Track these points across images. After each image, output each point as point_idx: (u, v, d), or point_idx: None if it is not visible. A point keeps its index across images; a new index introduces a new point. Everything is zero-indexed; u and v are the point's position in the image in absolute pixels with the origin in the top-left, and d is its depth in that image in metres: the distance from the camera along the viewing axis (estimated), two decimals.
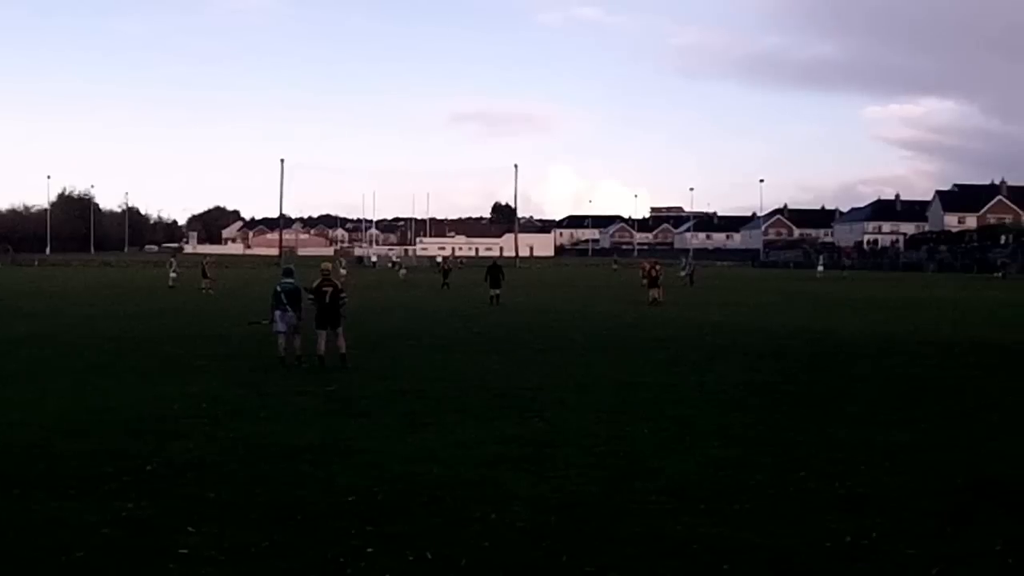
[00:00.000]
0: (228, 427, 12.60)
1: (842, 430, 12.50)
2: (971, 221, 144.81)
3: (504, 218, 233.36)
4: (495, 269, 41.32)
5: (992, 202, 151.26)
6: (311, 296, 19.46)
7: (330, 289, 19.31)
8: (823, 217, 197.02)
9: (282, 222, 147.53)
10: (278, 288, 19.52)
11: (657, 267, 42.34)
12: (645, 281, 41.47)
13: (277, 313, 19.21)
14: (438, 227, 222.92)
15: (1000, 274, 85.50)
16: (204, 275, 50.25)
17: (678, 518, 8.30)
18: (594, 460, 10.67)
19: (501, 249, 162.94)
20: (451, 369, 18.78)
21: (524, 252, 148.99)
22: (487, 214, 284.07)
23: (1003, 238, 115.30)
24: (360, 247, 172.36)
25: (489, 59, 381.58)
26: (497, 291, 40.16)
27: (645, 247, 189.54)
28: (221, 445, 11.43)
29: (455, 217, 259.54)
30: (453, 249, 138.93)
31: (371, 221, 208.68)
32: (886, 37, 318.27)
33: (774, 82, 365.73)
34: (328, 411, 13.98)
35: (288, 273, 20.32)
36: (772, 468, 10.28)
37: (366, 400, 14.86)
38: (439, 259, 79.44)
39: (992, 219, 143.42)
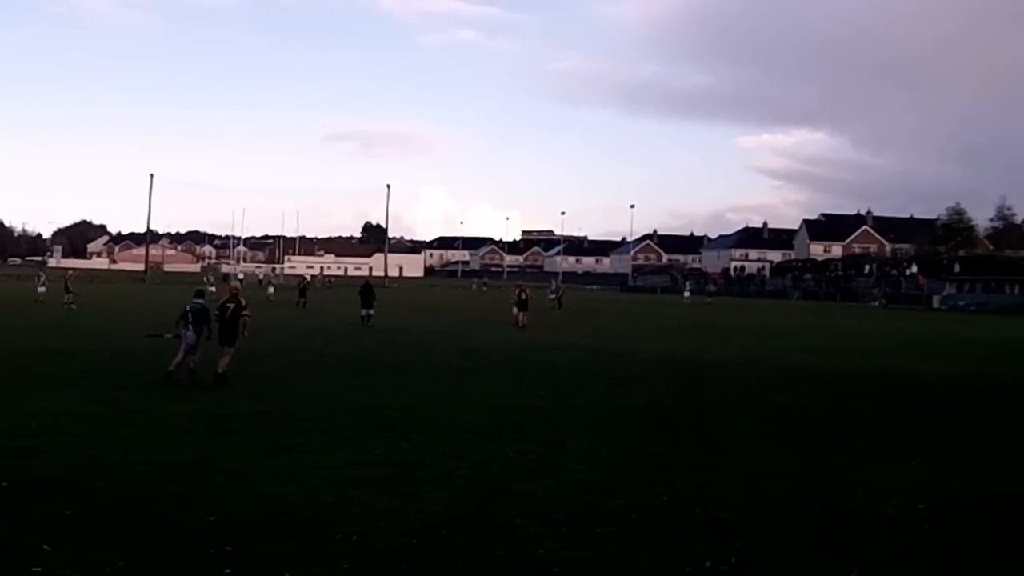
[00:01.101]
0: (89, 444, 12.26)
1: (706, 455, 12.68)
2: (837, 250, 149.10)
3: (375, 238, 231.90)
4: (367, 289, 40.83)
5: (858, 232, 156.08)
6: (217, 313, 19.73)
7: (232, 306, 19.60)
8: (692, 243, 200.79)
9: (149, 237, 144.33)
10: (187, 307, 19.74)
11: (527, 291, 42.51)
12: (515, 305, 41.44)
13: (181, 329, 19.48)
14: (307, 245, 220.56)
15: (877, 303, 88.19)
16: (67, 290, 48.88)
17: (541, 542, 8.31)
18: (459, 482, 10.64)
19: (371, 269, 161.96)
20: (319, 389, 18.56)
21: (394, 272, 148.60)
22: (358, 233, 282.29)
23: (867, 267, 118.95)
24: (228, 264, 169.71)
25: (365, 79, 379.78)
26: (369, 311, 39.75)
27: (515, 269, 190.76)
28: (81, 462, 11.11)
29: (325, 236, 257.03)
30: (322, 268, 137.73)
31: (240, 238, 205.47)
32: (762, 69, 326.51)
33: (650, 110, 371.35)
34: (193, 429, 13.67)
35: (199, 294, 20.73)
36: (636, 492, 10.36)
37: (232, 419, 14.60)
38: (308, 277, 78.47)
39: (857, 248, 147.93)
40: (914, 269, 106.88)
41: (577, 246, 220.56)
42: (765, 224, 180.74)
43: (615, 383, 20.75)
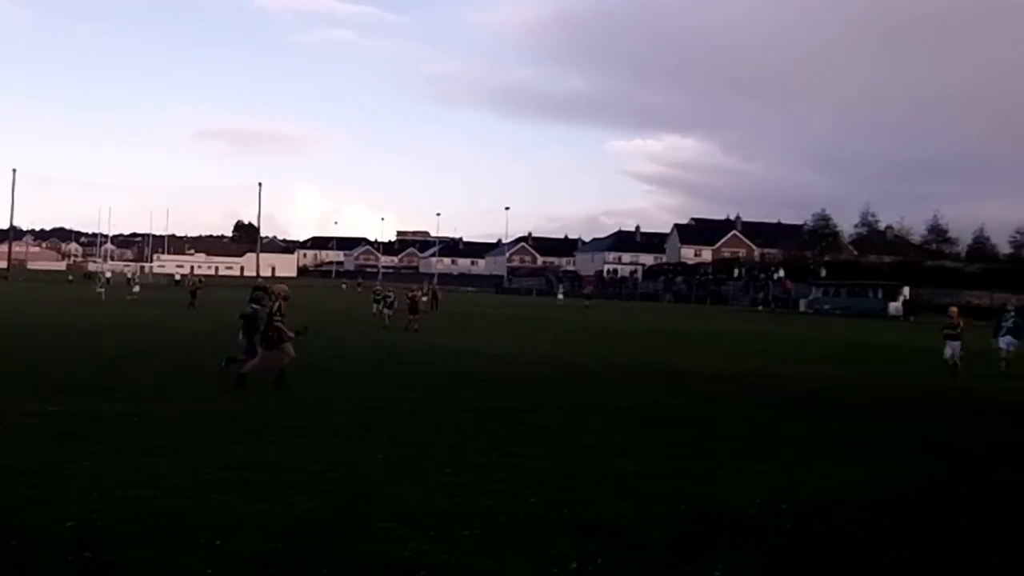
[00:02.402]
0: None
1: (574, 457, 12.74)
2: (707, 254, 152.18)
3: (247, 237, 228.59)
4: (260, 291, 39.61)
5: (727, 236, 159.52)
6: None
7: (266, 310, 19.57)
8: (566, 246, 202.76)
9: (12, 234, 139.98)
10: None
11: (417, 291, 42.42)
12: (408, 305, 40.93)
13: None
14: (177, 244, 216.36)
15: (761, 307, 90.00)
16: None
17: (407, 544, 8.24)
18: (326, 486, 10.50)
19: (242, 268, 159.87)
20: (185, 391, 18.19)
21: (266, 272, 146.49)
22: (229, 232, 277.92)
23: (736, 271, 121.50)
24: (95, 262, 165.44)
25: (238, 76, 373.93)
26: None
27: (390, 270, 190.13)
28: None
29: (196, 235, 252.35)
30: (192, 267, 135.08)
31: (107, 236, 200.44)
32: (634, 75, 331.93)
33: (526, 113, 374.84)
34: (52, 433, 13.19)
35: (255, 299, 20.53)
36: (504, 494, 10.36)
37: (94, 422, 14.15)
38: (178, 277, 76.86)
39: (727, 252, 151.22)
40: (781, 273, 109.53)
41: (452, 247, 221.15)
42: (638, 228, 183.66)
43: (487, 385, 20.76)
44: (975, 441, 15.44)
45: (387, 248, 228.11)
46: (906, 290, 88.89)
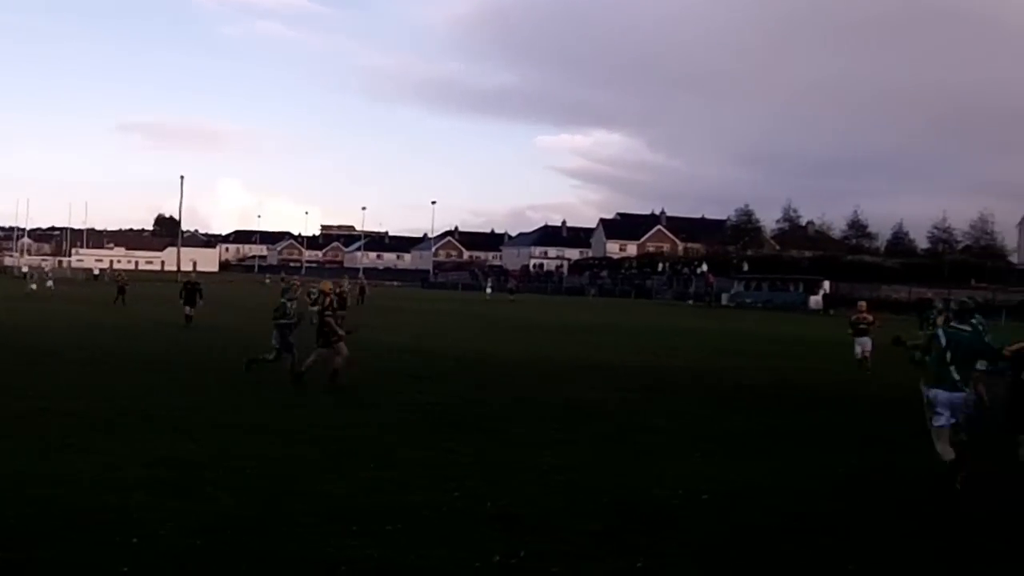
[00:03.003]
0: None
1: (500, 451, 12.75)
2: (632, 249, 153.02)
3: (168, 231, 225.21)
4: (192, 287, 38.92)
5: (652, 231, 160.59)
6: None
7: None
8: (493, 240, 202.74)
9: None
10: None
11: (346, 287, 42.16)
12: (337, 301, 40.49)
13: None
14: (96, 238, 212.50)
15: (692, 301, 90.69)
16: None
17: (329, 540, 8.18)
18: (247, 481, 10.39)
19: (163, 263, 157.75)
20: (104, 388, 17.85)
21: (187, 267, 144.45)
22: (150, 226, 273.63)
23: (661, 266, 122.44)
24: (11, 256, 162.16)
25: (160, 68, 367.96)
26: (192, 309, 37.88)
27: (315, 265, 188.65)
28: None
29: (116, 228, 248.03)
30: (111, 262, 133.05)
31: (24, 229, 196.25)
32: (563, 69, 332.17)
33: (452, 107, 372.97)
34: None
35: (284, 293, 21.73)
36: (428, 489, 10.32)
37: (5, 420, 13.84)
38: (96, 271, 75.44)
39: (651, 247, 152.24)
40: (704, 268, 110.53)
41: (378, 242, 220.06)
42: (564, 222, 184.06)
43: (413, 380, 20.69)
44: (895, 432, 15.71)
45: (311, 242, 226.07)
46: (826, 284, 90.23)
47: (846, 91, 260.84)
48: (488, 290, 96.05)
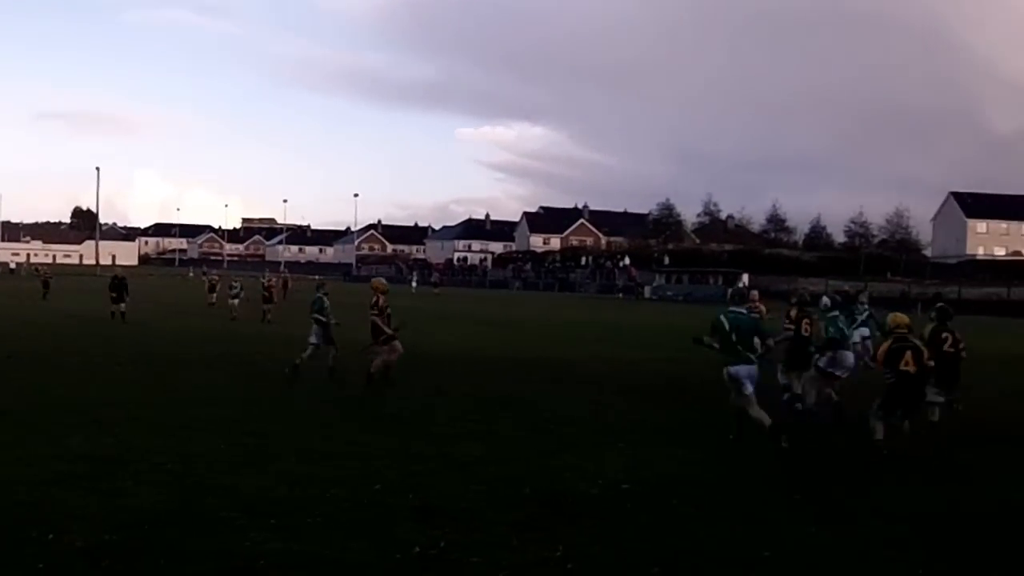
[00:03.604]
0: None
1: (421, 444, 12.73)
2: (555, 242, 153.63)
3: (85, 224, 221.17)
4: (119, 281, 38.12)
5: (575, 225, 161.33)
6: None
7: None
8: (416, 234, 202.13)
9: None
10: None
11: (273, 281, 41.75)
12: (264, 295, 40.01)
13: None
14: (12, 231, 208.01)
15: (622, 295, 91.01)
16: None
17: (247, 534, 8.15)
18: (165, 477, 10.29)
19: (81, 256, 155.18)
20: (19, 382, 17.58)
21: (106, 260, 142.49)
22: (67, 219, 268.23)
23: (584, 259, 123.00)
24: None
25: (82, 58, 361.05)
26: (122, 305, 37.12)
27: (236, 258, 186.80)
28: None
29: (32, 221, 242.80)
30: (28, 255, 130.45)
31: None
32: (486, 62, 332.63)
33: (374, 99, 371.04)
34: None
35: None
36: (348, 482, 10.31)
37: None
38: (13, 265, 74.01)
39: (575, 241, 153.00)
40: (627, 261, 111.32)
41: (300, 235, 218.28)
42: (487, 216, 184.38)
43: (334, 375, 20.57)
44: (810, 424, 15.95)
45: (232, 235, 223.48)
46: (745, 277, 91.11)
47: (765, 88, 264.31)
48: (413, 284, 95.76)
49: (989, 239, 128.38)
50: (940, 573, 7.96)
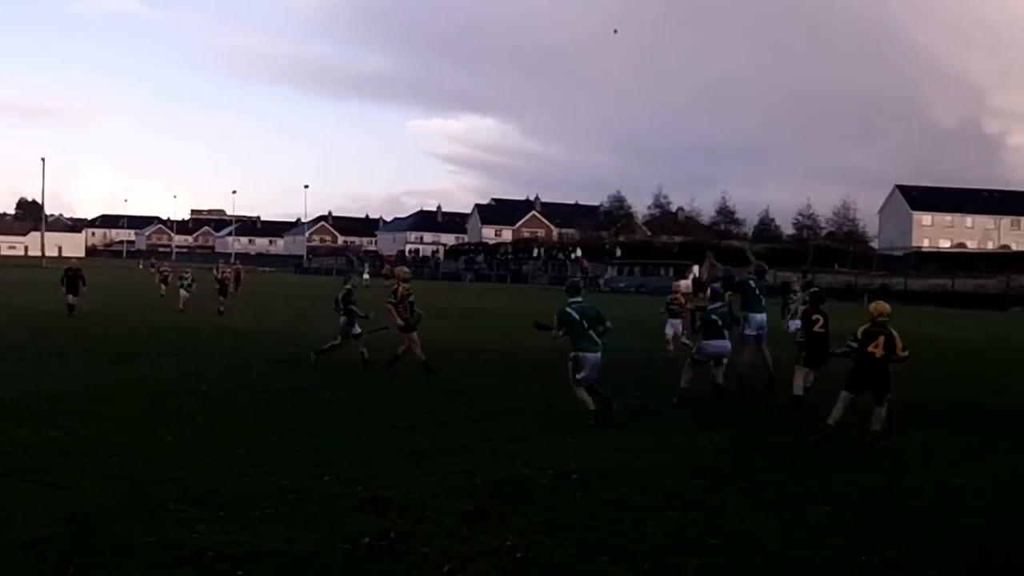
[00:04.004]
0: None
1: (371, 435, 12.73)
2: (507, 234, 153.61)
3: (31, 215, 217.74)
4: (73, 274, 37.28)
5: (527, 217, 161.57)
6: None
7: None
8: (368, 225, 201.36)
9: None
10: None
11: (227, 272, 41.31)
12: (217, 287, 39.46)
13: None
14: None
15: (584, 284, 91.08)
16: None
17: (195, 526, 8.11)
18: (112, 469, 10.22)
19: (26, 248, 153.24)
20: None
21: (52, 252, 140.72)
22: (12, 210, 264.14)
23: (536, 251, 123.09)
24: None
25: (26, 49, 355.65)
26: (72, 297, 36.24)
27: (185, 250, 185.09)
28: None
29: None
30: None
31: None
32: (436, 54, 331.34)
33: (324, 90, 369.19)
34: None
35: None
36: (298, 473, 10.29)
37: None
38: None
39: (526, 233, 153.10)
40: (579, 253, 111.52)
41: (250, 227, 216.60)
42: (439, 208, 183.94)
43: (286, 365, 20.49)
44: (757, 412, 16.12)
45: (181, 227, 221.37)
46: (695, 268, 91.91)
47: (715, 81, 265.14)
48: (365, 275, 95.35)
49: (934, 231, 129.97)
50: (883, 558, 8.08)
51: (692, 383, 16.93)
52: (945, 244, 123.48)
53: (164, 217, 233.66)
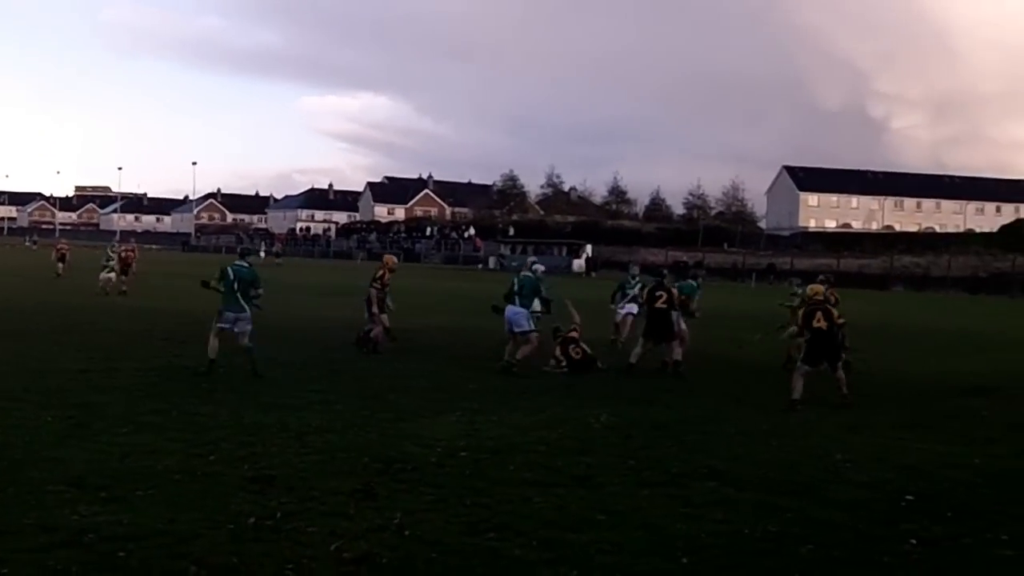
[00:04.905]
0: None
1: (257, 413, 12.58)
2: (400, 213, 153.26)
3: None
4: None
5: (419, 195, 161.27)
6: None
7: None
8: (258, 203, 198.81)
9: None
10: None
11: (130, 251, 40.22)
12: (117, 267, 38.26)
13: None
14: None
15: (480, 266, 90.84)
16: None
17: (75, 507, 7.93)
18: None
19: None
20: None
21: None
22: None
23: (429, 230, 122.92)
24: None
25: None
26: None
27: (68, 227, 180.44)
28: None
29: None
30: None
31: None
32: (328, 30, 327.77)
33: (212, 65, 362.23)
34: None
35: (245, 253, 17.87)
36: (181, 453, 10.12)
37: None
38: None
39: (419, 211, 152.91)
40: (472, 232, 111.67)
41: (136, 204, 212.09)
42: (331, 185, 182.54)
43: (169, 344, 20.13)
44: (644, 391, 16.31)
45: (64, 204, 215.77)
46: (588, 248, 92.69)
47: (605, 61, 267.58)
48: (262, 254, 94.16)
49: (820, 212, 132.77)
50: (765, 532, 8.25)
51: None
52: (831, 224, 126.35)
53: (47, 194, 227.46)
